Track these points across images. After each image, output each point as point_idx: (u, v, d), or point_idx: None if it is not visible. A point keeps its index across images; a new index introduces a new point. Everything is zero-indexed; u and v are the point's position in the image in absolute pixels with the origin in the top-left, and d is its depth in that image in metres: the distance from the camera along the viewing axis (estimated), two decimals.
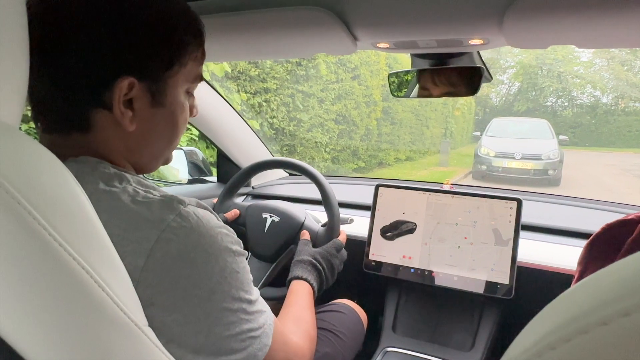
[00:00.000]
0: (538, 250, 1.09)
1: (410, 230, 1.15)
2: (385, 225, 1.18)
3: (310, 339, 0.72)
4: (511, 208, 1.07)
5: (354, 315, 1.11)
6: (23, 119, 0.38)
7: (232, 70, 4.51)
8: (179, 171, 1.66)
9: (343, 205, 1.34)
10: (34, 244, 0.31)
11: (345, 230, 1.12)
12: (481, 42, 0.81)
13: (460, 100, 12.82)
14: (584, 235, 1.11)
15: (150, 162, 0.60)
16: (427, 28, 0.76)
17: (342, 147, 7.16)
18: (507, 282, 1.03)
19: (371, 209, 1.20)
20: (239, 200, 1.49)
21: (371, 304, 1.24)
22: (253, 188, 1.64)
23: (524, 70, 20.36)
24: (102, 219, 0.40)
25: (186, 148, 1.70)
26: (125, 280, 0.40)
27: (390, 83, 1.06)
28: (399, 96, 1.07)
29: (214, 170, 1.71)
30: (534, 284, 0.99)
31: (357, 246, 1.19)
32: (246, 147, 1.55)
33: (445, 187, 1.21)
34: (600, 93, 19.53)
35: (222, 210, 1.21)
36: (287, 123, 5.67)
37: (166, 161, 0.63)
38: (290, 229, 1.11)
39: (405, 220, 1.16)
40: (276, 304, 0.88)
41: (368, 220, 1.20)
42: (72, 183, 0.37)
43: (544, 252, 1.09)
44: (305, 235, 1.06)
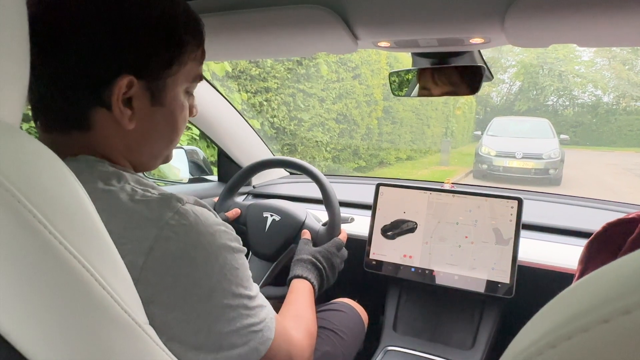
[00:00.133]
0: (539, 250, 1.09)
1: (411, 230, 1.15)
2: (386, 225, 1.18)
3: (310, 336, 0.72)
4: (512, 207, 1.07)
5: (354, 314, 1.11)
6: (24, 118, 0.38)
7: (233, 70, 4.51)
8: (179, 170, 1.66)
9: (344, 204, 1.34)
10: (35, 243, 0.31)
11: (346, 230, 1.12)
12: (482, 41, 0.81)
13: (461, 100, 12.80)
14: (584, 235, 1.11)
15: (149, 161, 0.60)
16: (428, 27, 0.76)
17: (343, 147, 7.15)
18: (508, 281, 1.03)
19: (372, 208, 1.20)
20: (239, 199, 1.49)
21: (372, 303, 1.24)
22: (254, 187, 1.64)
23: (525, 69, 20.33)
24: (101, 218, 0.40)
25: (187, 147, 1.70)
26: (126, 278, 0.40)
27: (391, 82, 1.06)
28: (400, 95, 1.06)
29: (215, 170, 1.71)
30: (535, 283, 0.99)
31: (358, 245, 1.19)
32: (247, 147, 1.55)
33: (446, 186, 1.21)
34: (601, 92, 19.52)
35: (223, 209, 1.21)
36: (288, 122, 5.67)
37: (166, 160, 0.63)
38: (291, 228, 1.11)
39: (406, 220, 1.16)
40: (277, 303, 0.88)
41: (369, 219, 1.20)
42: (73, 182, 0.37)
43: (544, 251, 1.09)
44: (305, 234, 1.06)
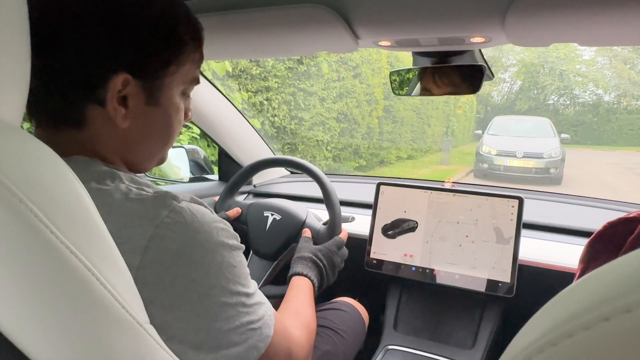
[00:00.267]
0: (539, 249, 1.09)
1: (412, 229, 1.15)
2: (386, 224, 1.18)
3: (310, 332, 0.71)
4: (512, 206, 1.07)
5: (355, 314, 1.11)
6: (25, 117, 0.38)
7: (234, 69, 4.51)
8: (180, 169, 1.66)
9: (344, 203, 1.34)
10: (36, 242, 0.31)
11: (347, 229, 1.12)
12: (483, 40, 0.81)
13: (461, 99, 12.79)
14: (585, 234, 1.11)
15: (144, 162, 0.60)
16: (429, 26, 0.76)
17: (344, 146, 7.15)
18: (509, 281, 1.03)
19: (372, 207, 1.20)
20: (240, 198, 1.49)
21: (372, 302, 1.24)
22: (254, 186, 1.64)
23: (525, 68, 20.31)
24: None
25: (188, 146, 1.70)
26: (127, 277, 0.40)
27: (392, 81, 1.06)
28: (401, 94, 1.06)
29: (216, 169, 1.71)
30: (535, 283, 0.99)
31: (359, 244, 1.19)
32: (247, 146, 1.55)
33: (447, 186, 1.21)
34: (602, 91, 19.49)
35: (224, 208, 1.21)
36: (289, 121, 5.67)
37: (160, 161, 0.63)
38: (292, 227, 1.11)
39: (407, 219, 1.16)
40: (277, 302, 0.88)
41: (369, 218, 1.20)
42: (74, 181, 0.37)
43: (545, 251, 1.09)
44: (306, 233, 1.06)
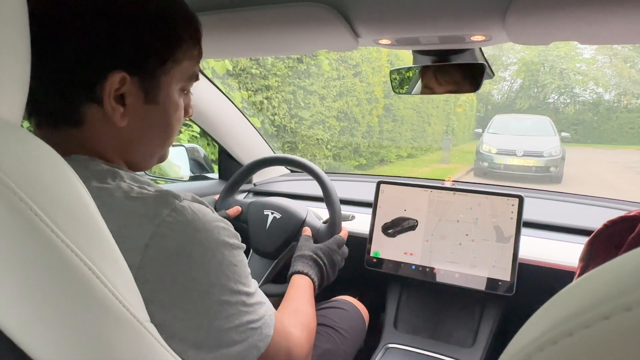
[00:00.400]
0: (539, 247, 1.09)
1: (412, 227, 1.15)
2: (386, 222, 1.18)
3: (309, 331, 0.71)
4: (513, 205, 1.07)
5: (355, 312, 1.11)
6: (24, 117, 0.38)
7: (234, 68, 4.51)
8: (180, 168, 1.66)
9: (344, 202, 1.34)
10: (36, 241, 0.31)
11: (347, 227, 1.12)
12: (483, 39, 0.81)
13: (462, 97, 12.79)
14: (585, 232, 1.11)
15: (144, 160, 0.60)
16: (429, 24, 0.76)
17: (344, 144, 7.15)
18: (509, 279, 1.03)
19: (373, 205, 1.20)
20: (240, 197, 1.49)
21: (372, 300, 1.24)
22: (254, 185, 1.64)
23: (526, 67, 20.29)
24: None
25: (188, 145, 1.70)
26: (127, 276, 0.40)
27: (392, 80, 1.06)
28: (401, 93, 1.06)
29: (216, 167, 1.71)
30: (536, 281, 0.99)
31: (359, 243, 1.19)
32: (247, 144, 1.55)
33: (447, 184, 1.21)
34: (602, 90, 19.47)
35: (224, 207, 1.21)
36: (289, 120, 5.66)
37: (161, 159, 0.63)
38: (292, 226, 1.11)
39: (407, 217, 1.16)
40: (278, 300, 0.88)
41: (369, 217, 1.20)
42: (74, 179, 0.37)
43: (545, 249, 1.09)
44: (306, 231, 1.06)
